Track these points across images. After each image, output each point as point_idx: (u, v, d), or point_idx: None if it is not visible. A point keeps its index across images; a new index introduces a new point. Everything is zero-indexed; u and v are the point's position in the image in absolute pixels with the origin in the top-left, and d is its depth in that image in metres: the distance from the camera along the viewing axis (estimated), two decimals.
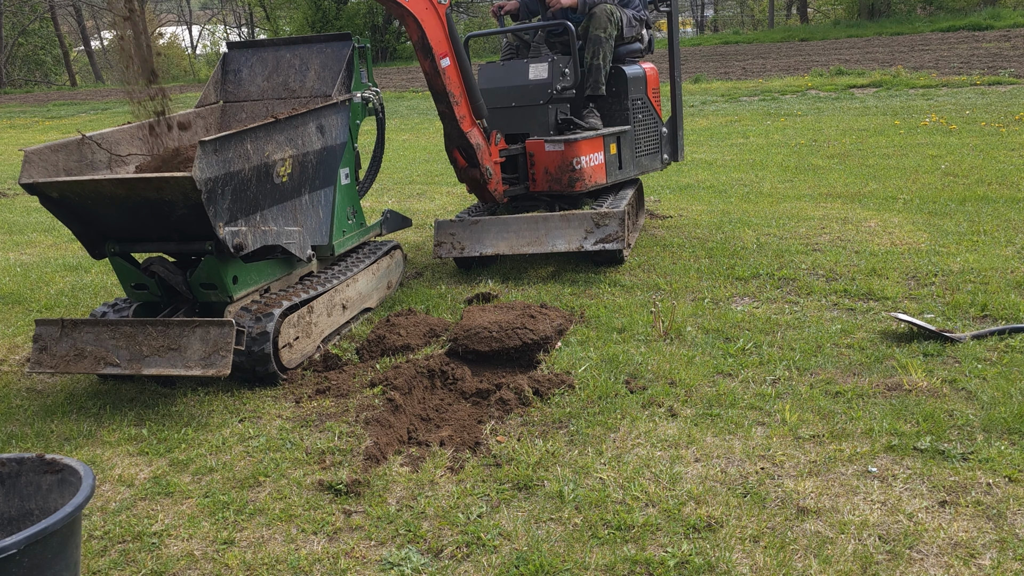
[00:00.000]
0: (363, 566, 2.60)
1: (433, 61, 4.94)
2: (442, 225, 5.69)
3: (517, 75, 5.85)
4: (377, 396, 3.78)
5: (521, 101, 5.83)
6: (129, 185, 3.65)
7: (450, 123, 5.27)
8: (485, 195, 5.68)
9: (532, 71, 5.80)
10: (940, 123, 11.53)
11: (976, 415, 3.25)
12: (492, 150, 5.54)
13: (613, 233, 5.34)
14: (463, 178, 5.61)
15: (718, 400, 3.53)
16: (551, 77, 5.72)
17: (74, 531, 2.23)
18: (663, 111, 6.82)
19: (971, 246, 5.57)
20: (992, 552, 2.46)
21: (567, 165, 5.66)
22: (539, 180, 5.81)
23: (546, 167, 5.75)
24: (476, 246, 5.57)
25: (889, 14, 29.59)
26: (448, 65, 5.04)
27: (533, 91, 5.79)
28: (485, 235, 5.57)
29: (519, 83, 5.82)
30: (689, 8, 51.12)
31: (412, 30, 4.85)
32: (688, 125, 13.34)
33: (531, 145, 5.79)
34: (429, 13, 4.89)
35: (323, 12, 34.89)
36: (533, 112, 5.82)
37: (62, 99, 30.45)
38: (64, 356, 3.88)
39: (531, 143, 5.79)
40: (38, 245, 7.80)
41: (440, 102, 5.18)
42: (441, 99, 5.15)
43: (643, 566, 2.49)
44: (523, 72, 5.83)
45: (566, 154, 5.65)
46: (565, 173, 5.68)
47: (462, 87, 5.20)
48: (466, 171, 5.54)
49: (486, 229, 5.57)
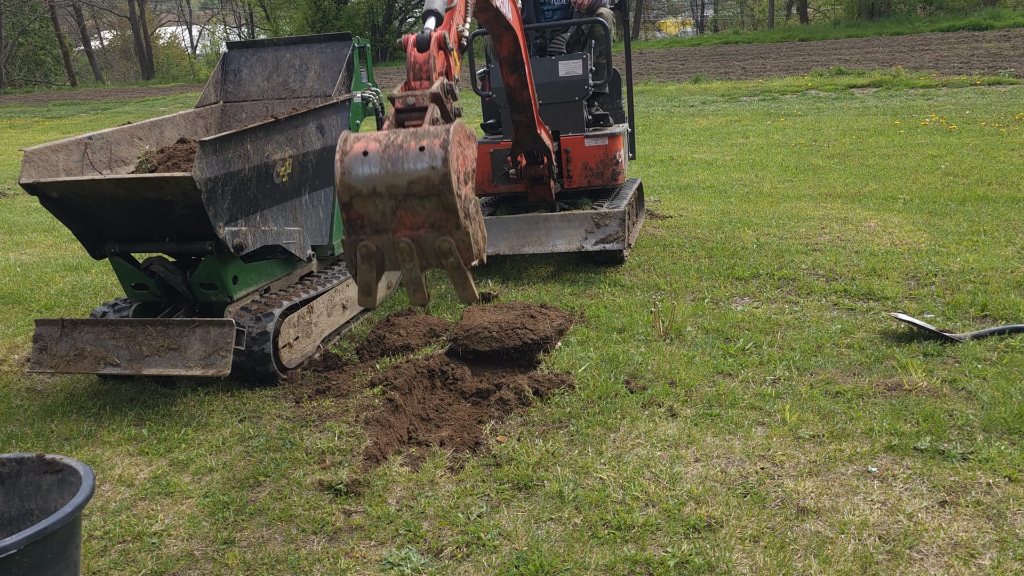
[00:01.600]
0: (363, 566, 2.60)
1: (523, 75, 4.81)
2: None
3: (546, 72, 5.78)
4: (377, 396, 3.78)
5: (552, 98, 5.76)
6: (129, 185, 3.65)
7: (527, 131, 5.17)
8: (540, 191, 5.68)
9: (563, 68, 5.73)
10: (940, 123, 11.53)
11: (976, 415, 3.25)
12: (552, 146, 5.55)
13: (613, 233, 5.34)
14: (525, 175, 5.59)
15: (718, 400, 3.53)
16: (585, 73, 5.70)
17: (74, 531, 2.24)
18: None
19: (971, 246, 5.57)
20: (992, 552, 2.46)
21: (610, 159, 5.68)
22: (576, 176, 5.80)
23: (585, 162, 5.74)
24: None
25: (889, 14, 29.57)
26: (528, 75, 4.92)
27: (566, 88, 5.73)
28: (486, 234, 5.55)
29: (549, 80, 5.75)
30: (689, 8, 51.13)
31: (506, 46, 4.64)
32: (688, 125, 13.35)
33: (567, 141, 5.75)
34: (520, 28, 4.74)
35: (323, 12, 34.88)
36: (567, 109, 5.77)
37: (62, 99, 30.44)
38: (64, 356, 3.88)
39: (567, 139, 5.75)
40: (38, 245, 7.80)
41: (521, 112, 5.05)
42: (524, 110, 5.02)
43: (643, 566, 2.49)
44: (552, 69, 5.76)
45: (609, 148, 5.67)
46: (608, 167, 5.70)
47: (535, 95, 5.10)
48: (528, 168, 5.55)
49: (487, 229, 5.56)
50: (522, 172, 5.56)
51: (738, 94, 16.93)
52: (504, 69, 4.77)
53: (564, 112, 5.79)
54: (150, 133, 4.56)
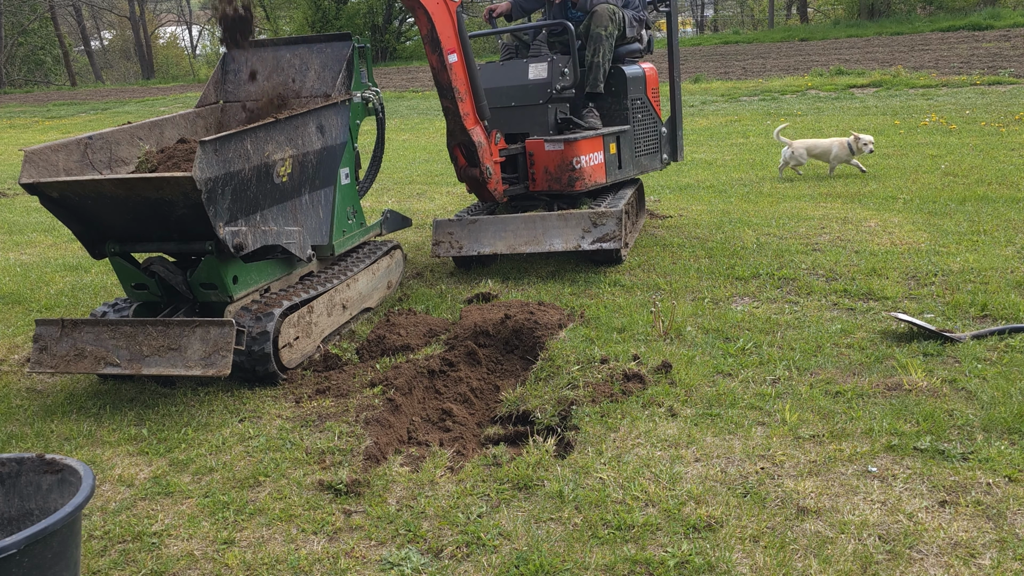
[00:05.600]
0: (363, 566, 2.60)
1: (441, 55, 4.96)
2: (440, 224, 5.69)
3: (516, 75, 5.85)
4: (377, 396, 3.78)
5: (521, 101, 5.83)
6: (129, 185, 3.65)
7: (453, 119, 5.28)
8: (485, 194, 5.68)
9: (532, 71, 5.80)
10: (940, 123, 11.53)
11: (976, 415, 3.25)
12: (493, 149, 5.54)
13: (610, 232, 5.34)
14: (463, 177, 5.61)
15: (718, 400, 3.53)
16: (551, 77, 5.72)
17: (74, 531, 2.23)
18: (663, 111, 6.83)
19: (971, 246, 5.57)
20: (992, 552, 2.46)
21: (567, 164, 5.66)
22: (539, 179, 5.81)
23: (546, 166, 5.75)
24: (474, 245, 5.57)
25: (889, 14, 29.56)
26: (455, 61, 5.06)
27: (532, 91, 5.79)
28: (483, 234, 5.57)
29: (518, 83, 5.82)
30: (689, 8, 51.11)
31: (422, 23, 4.88)
32: (688, 125, 13.34)
33: (531, 145, 5.79)
34: (440, 8, 4.92)
35: (323, 12, 34.87)
36: (533, 112, 5.83)
37: (62, 99, 30.44)
38: (64, 356, 3.88)
39: (531, 143, 5.79)
40: (38, 245, 7.80)
41: (445, 97, 5.18)
42: (446, 94, 5.15)
43: (643, 566, 2.49)
44: (522, 72, 5.83)
45: (566, 153, 5.65)
46: (565, 172, 5.68)
47: (467, 85, 5.21)
48: (466, 170, 5.54)
49: (484, 228, 5.57)
50: (461, 173, 5.57)
51: (738, 94, 16.93)
52: (426, 48, 5.02)
53: (531, 114, 5.82)
54: (150, 133, 4.56)
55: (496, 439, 3.40)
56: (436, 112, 18.83)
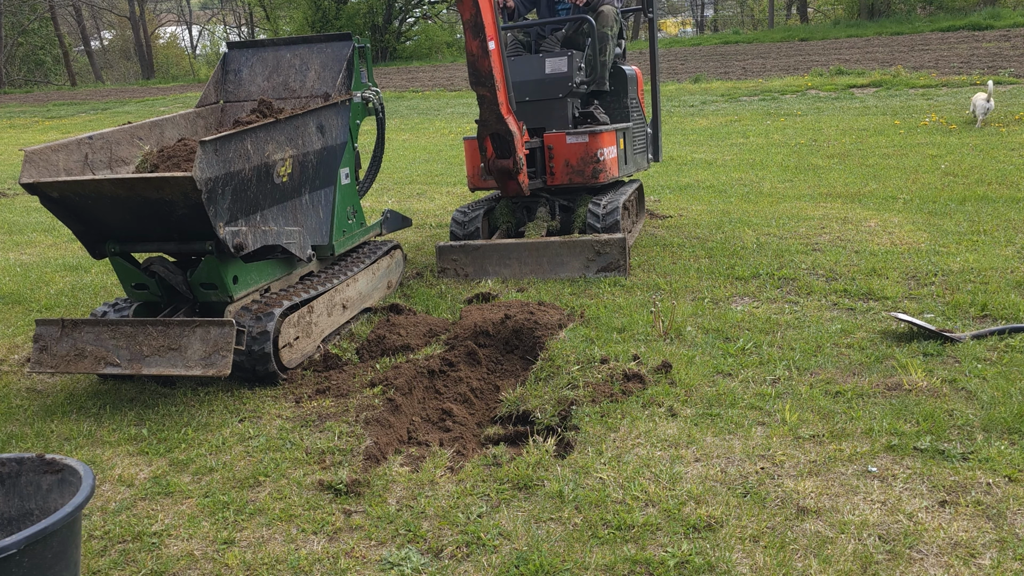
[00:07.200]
0: (363, 566, 2.60)
1: (483, 42, 4.89)
2: (444, 251, 5.65)
3: (532, 69, 5.81)
4: (377, 396, 3.78)
5: (538, 95, 5.79)
6: (129, 185, 3.65)
7: (489, 108, 5.20)
8: (512, 186, 5.59)
9: (549, 65, 5.77)
10: (940, 123, 11.53)
11: (976, 415, 3.25)
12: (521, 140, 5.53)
13: (614, 261, 5.36)
14: (492, 168, 5.53)
15: (718, 400, 3.53)
16: (571, 71, 5.71)
17: (74, 531, 2.23)
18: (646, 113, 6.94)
19: (971, 246, 5.57)
20: (992, 552, 2.46)
21: (591, 156, 5.66)
22: (558, 173, 5.79)
23: (567, 159, 5.73)
24: (479, 272, 5.58)
25: (889, 14, 29.56)
26: (494, 48, 5.01)
27: (551, 85, 5.76)
28: (487, 262, 5.56)
29: (535, 77, 5.78)
30: (689, 8, 51.11)
31: (467, 7, 4.81)
32: (688, 125, 13.34)
33: (550, 138, 5.75)
34: None
35: (323, 12, 34.88)
36: (551, 106, 5.79)
37: (62, 99, 30.44)
38: (64, 356, 3.88)
39: (550, 136, 5.75)
40: (38, 245, 7.80)
41: (483, 86, 5.08)
42: (485, 82, 5.06)
43: (643, 566, 2.49)
44: (539, 66, 5.79)
45: (590, 145, 5.66)
46: (589, 164, 5.68)
47: (503, 74, 5.16)
48: (496, 161, 5.50)
49: (487, 256, 5.56)
50: (490, 165, 5.52)
51: (738, 94, 16.93)
52: (467, 34, 4.94)
53: (549, 109, 5.81)
54: (150, 133, 4.56)
55: (496, 439, 3.40)
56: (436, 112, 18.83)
